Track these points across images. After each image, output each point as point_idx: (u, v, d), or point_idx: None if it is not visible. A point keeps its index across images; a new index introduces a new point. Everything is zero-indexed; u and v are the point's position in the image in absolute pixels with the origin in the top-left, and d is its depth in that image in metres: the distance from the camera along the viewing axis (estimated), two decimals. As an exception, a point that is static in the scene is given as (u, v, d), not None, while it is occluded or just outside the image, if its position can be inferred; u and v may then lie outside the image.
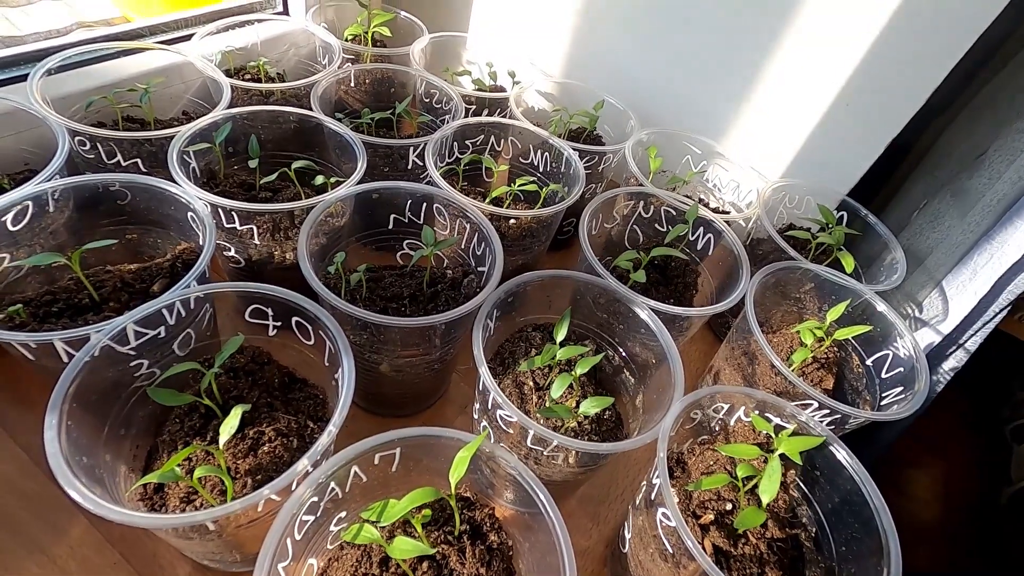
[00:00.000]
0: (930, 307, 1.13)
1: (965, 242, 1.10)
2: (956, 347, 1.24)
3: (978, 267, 1.09)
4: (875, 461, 1.37)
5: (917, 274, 1.19)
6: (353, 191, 0.71)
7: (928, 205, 1.14)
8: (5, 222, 0.61)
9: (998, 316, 1.15)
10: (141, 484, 0.47)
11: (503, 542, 0.52)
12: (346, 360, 0.53)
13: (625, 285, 0.69)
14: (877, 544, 0.54)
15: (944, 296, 1.12)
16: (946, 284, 1.13)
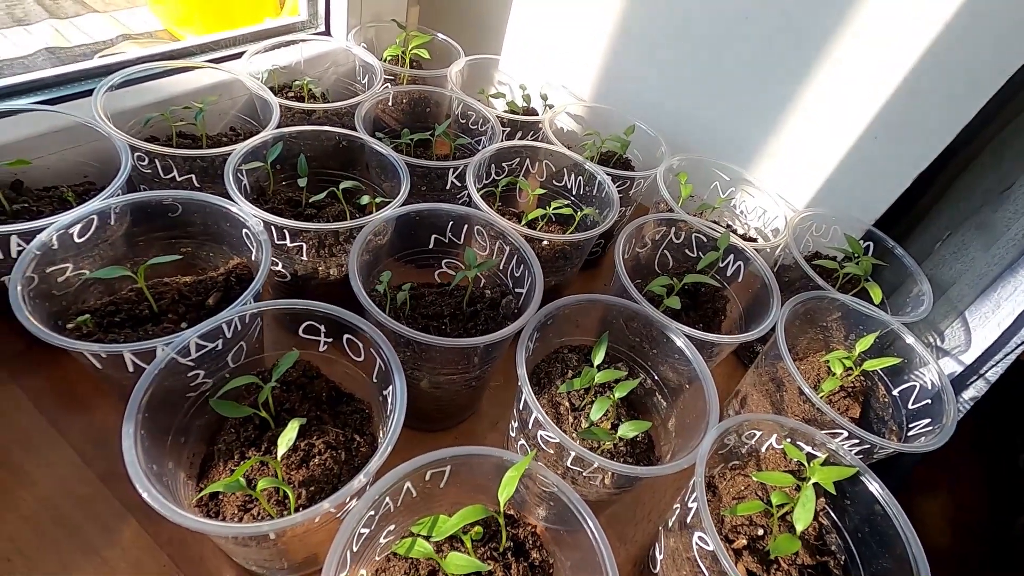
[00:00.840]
0: (952, 337, 1.14)
1: (989, 274, 1.11)
2: (977, 377, 1.25)
3: (1001, 299, 1.10)
4: (891, 489, 1.37)
5: (939, 304, 1.20)
6: (398, 212, 0.74)
7: (952, 236, 1.16)
8: (72, 234, 0.64)
9: (1020, 347, 1.15)
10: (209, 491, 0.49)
11: (544, 560, 0.54)
12: (398, 379, 0.56)
13: (657, 309, 0.72)
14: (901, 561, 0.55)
15: (967, 327, 1.13)
16: (969, 315, 1.14)
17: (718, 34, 1.00)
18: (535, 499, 0.62)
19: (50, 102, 0.80)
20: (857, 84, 0.91)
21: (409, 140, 0.93)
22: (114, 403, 0.74)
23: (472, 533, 0.49)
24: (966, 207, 1.13)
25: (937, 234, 1.18)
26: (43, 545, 0.61)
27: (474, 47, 1.18)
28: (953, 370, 1.18)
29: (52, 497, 0.65)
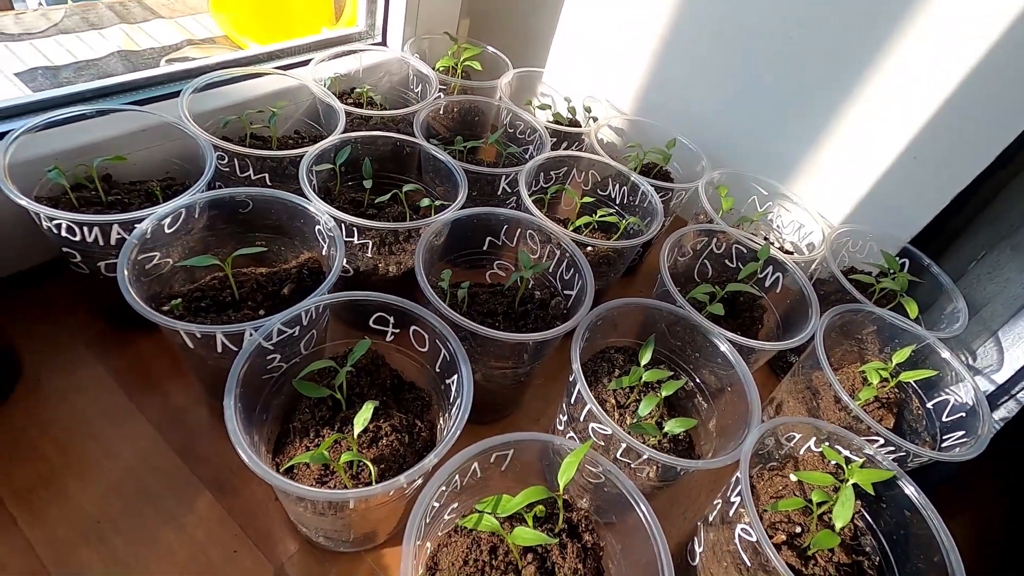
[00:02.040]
0: (984, 356, 1.16)
1: (1023, 295, 1.13)
2: (1008, 398, 1.26)
3: (1035, 320, 1.11)
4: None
5: (973, 323, 1.22)
6: (457, 214, 0.79)
7: (987, 256, 1.17)
8: (164, 225, 0.69)
9: (1053, 370, 1.16)
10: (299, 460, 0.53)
11: (596, 543, 0.58)
12: (464, 368, 0.60)
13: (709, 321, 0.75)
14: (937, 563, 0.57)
15: (999, 346, 1.14)
16: (1002, 335, 1.15)
17: (761, 53, 1.04)
18: (579, 490, 0.65)
19: (136, 103, 0.87)
20: (899, 105, 0.94)
21: (463, 147, 0.97)
22: (186, 383, 0.79)
23: (536, 511, 0.53)
24: (1002, 228, 1.15)
25: (972, 254, 1.20)
26: (127, 511, 0.67)
27: (521, 60, 1.23)
28: (984, 389, 1.19)
29: (134, 468, 0.71)
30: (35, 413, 0.73)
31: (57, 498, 0.66)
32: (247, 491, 0.71)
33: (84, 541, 0.63)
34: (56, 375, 0.77)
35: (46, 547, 0.62)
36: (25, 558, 0.61)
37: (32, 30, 1.29)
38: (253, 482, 0.72)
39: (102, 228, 0.66)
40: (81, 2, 1.41)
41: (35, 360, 0.77)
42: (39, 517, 0.64)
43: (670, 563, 0.50)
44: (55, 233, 0.67)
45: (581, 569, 0.54)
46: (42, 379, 0.76)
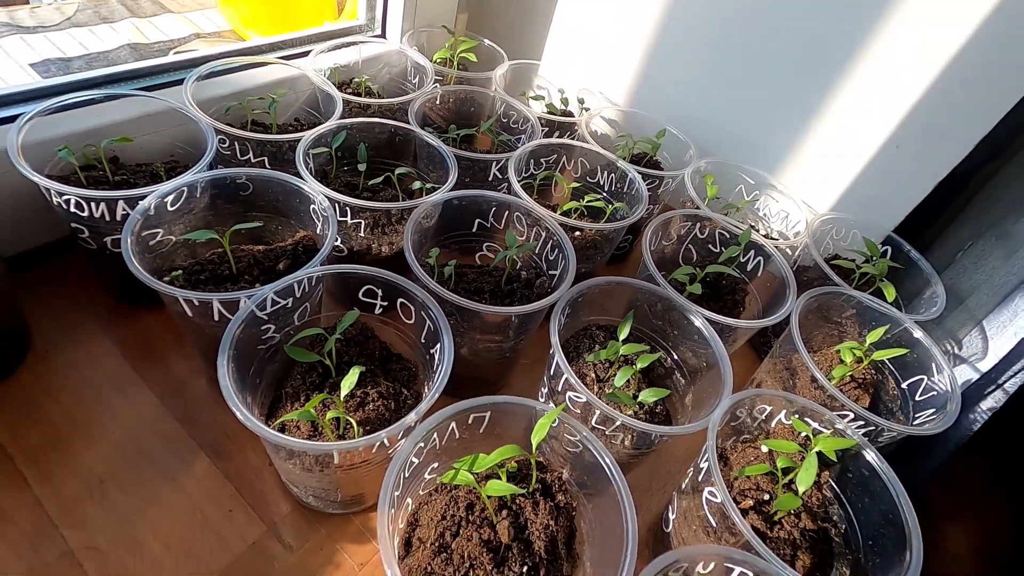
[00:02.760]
0: (970, 345, 1.17)
1: (1008, 284, 1.14)
2: (995, 387, 1.27)
3: (1019, 309, 1.13)
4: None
5: (958, 312, 1.23)
6: (447, 196, 0.82)
7: (973, 246, 1.19)
8: (167, 202, 0.73)
9: (1039, 359, 1.17)
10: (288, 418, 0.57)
11: (568, 502, 0.61)
12: (446, 336, 0.63)
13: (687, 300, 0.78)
14: (901, 538, 0.60)
15: (984, 335, 1.16)
16: (987, 323, 1.17)
17: (749, 46, 1.06)
18: (560, 460, 0.68)
19: (144, 90, 0.91)
20: (881, 95, 0.96)
21: (456, 135, 1.01)
22: (186, 356, 0.83)
23: (508, 467, 0.56)
24: (988, 218, 1.17)
25: (959, 244, 1.22)
26: (129, 470, 0.71)
27: (517, 53, 1.26)
28: (970, 378, 1.21)
29: (137, 432, 0.74)
30: (44, 381, 0.77)
31: (64, 458, 0.70)
32: (242, 456, 0.75)
33: (89, 497, 0.67)
34: (65, 346, 0.81)
35: (53, 503, 0.66)
36: (33, 512, 0.65)
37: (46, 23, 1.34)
38: (248, 448, 0.75)
39: (108, 204, 0.70)
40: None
41: (45, 332, 0.81)
42: (47, 476, 0.68)
43: (635, 523, 0.53)
44: (64, 209, 0.71)
45: (552, 525, 0.57)
46: (51, 350, 0.80)
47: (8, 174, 0.71)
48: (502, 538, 0.55)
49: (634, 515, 0.54)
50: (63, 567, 0.62)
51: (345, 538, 0.70)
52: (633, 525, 0.53)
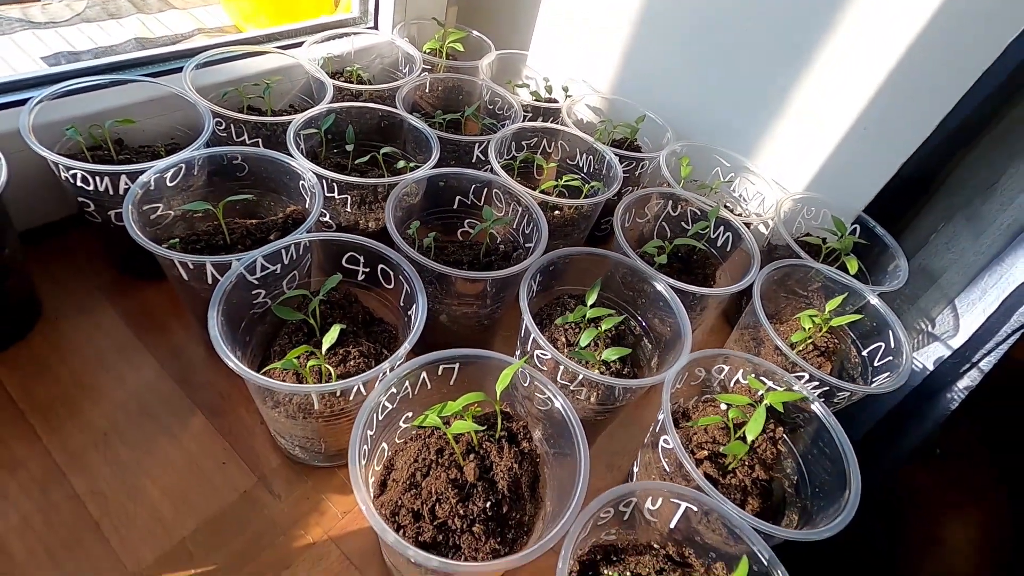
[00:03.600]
0: (942, 323, 1.21)
1: (977, 263, 1.19)
2: (970, 366, 1.31)
3: (988, 287, 1.17)
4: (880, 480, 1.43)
5: (932, 292, 1.27)
6: (429, 174, 0.87)
7: (945, 228, 1.23)
8: (165, 178, 0.79)
9: (1012, 338, 1.22)
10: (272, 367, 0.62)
11: (532, 449, 0.65)
12: (420, 297, 0.68)
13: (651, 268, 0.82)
14: (843, 481, 0.64)
15: (956, 313, 1.20)
16: (958, 302, 1.21)
17: (725, 34, 1.10)
18: (533, 420, 0.73)
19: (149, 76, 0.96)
20: (848, 80, 1.00)
21: (442, 119, 1.06)
22: (185, 324, 0.89)
23: (472, 411, 0.61)
24: (958, 201, 1.20)
25: (932, 225, 1.26)
26: (132, 426, 0.76)
27: (506, 44, 1.31)
28: (942, 355, 1.25)
29: (138, 392, 0.80)
30: (53, 345, 0.82)
31: (71, 414, 0.75)
32: (236, 415, 0.80)
33: (93, 448, 0.73)
34: (72, 314, 0.86)
35: (61, 452, 0.72)
36: (43, 460, 0.71)
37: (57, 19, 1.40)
38: (241, 407, 0.81)
39: (112, 178, 0.76)
40: (102, -6, 1.53)
41: (55, 302, 0.87)
42: (55, 428, 0.74)
43: (586, 453, 0.57)
44: (72, 184, 0.77)
45: (516, 468, 0.62)
46: (60, 318, 0.85)
47: (20, 153, 0.77)
48: (468, 477, 0.60)
49: (586, 448, 0.58)
50: (69, 508, 0.68)
51: (330, 489, 0.75)
52: (585, 454, 0.58)
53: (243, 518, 0.71)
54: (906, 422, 1.49)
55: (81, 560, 0.64)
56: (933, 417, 1.44)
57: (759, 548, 0.55)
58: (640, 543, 0.63)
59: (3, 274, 0.75)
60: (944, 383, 1.35)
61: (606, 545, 0.62)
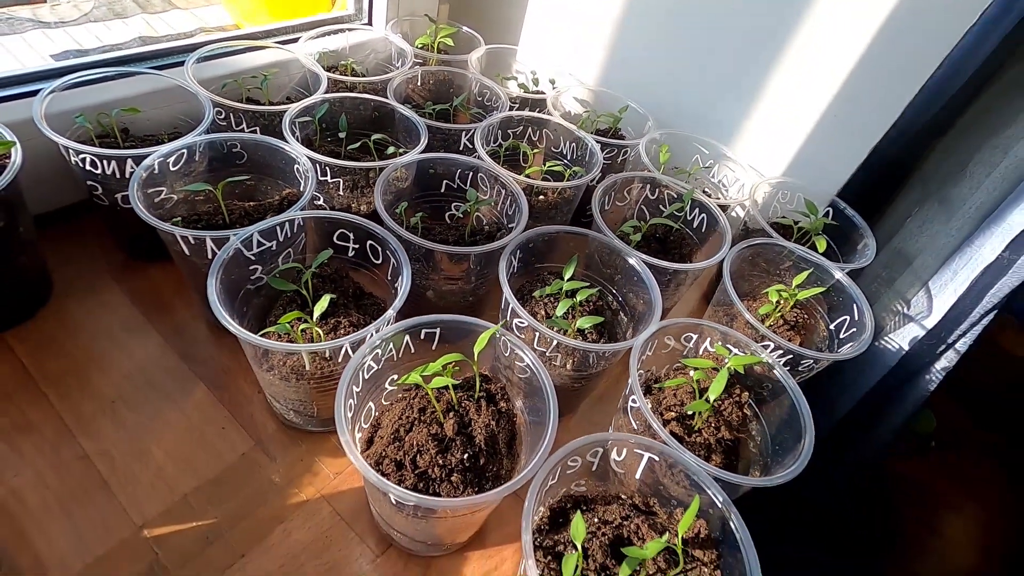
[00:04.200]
0: (917, 305, 1.26)
1: (949, 245, 1.23)
2: (946, 347, 1.36)
3: (958, 268, 1.21)
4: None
5: (907, 275, 1.32)
6: (417, 158, 0.92)
7: (919, 212, 1.27)
8: (168, 163, 0.84)
9: (985, 319, 1.26)
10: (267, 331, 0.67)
11: (510, 408, 0.70)
12: (405, 269, 0.73)
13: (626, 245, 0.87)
14: (799, 434, 0.69)
15: (929, 295, 1.24)
16: (931, 284, 1.25)
17: (703, 26, 1.15)
18: (516, 390, 0.78)
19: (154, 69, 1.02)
20: (817, 69, 1.05)
21: (432, 110, 1.11)
22: (189, 303, 0.94)
23: (450, 369, 0.65)
24: (932, 186, 1.25)
25: (907, 210, 1.30)
26: (138, 395, 0.81)
27: (497, 40, 1.36)
28: (917, 335, 1.29)
29: (144, 365, 0.85)
30: (64, 321, 0.88)
31: (81, 383, 0.81)
32: (235, 386, 0.85)
33: (102, 414, 0.78)
34: (82, 294, 0.92)
35: (72, 418, 0.77)
36: (55, 425, 0.76)
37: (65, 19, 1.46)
38: (241, 379, 0.86)
39: (118, 162, 0.81)
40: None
41: (65, 282, 0.92)
42: (66, 396, 0.79)
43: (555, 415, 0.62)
44: (81, 168, 0.82)
45: (493, 425, 0.67)
46: (70, 296, 0.91)
47: (34, 141, 0.82)
48: (448, 432, 0.65)
49: (554, 397, 0.63)
50: (79, 466, 0.73)
51: (323, 452, 0.80)
52: (553, 402, 0.62)
53: (241, 478, 0.76)
54: (886, 405, 1.53)
55: (91, 512, 0.69)
56: (913, 399, 1.48)
57: (714, 491, 0.59)
58: (609, 494, 0.67)
59: (18, 251, 0.80)
60: (921, 364, 1.39)
61: (577, 495, 0.66)
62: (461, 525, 0.67)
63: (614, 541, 0.60)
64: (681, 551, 0.57)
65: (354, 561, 0.71)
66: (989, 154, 1.13)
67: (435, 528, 0.65)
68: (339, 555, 0.71)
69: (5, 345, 0.82)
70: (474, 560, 0.74)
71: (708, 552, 0.59)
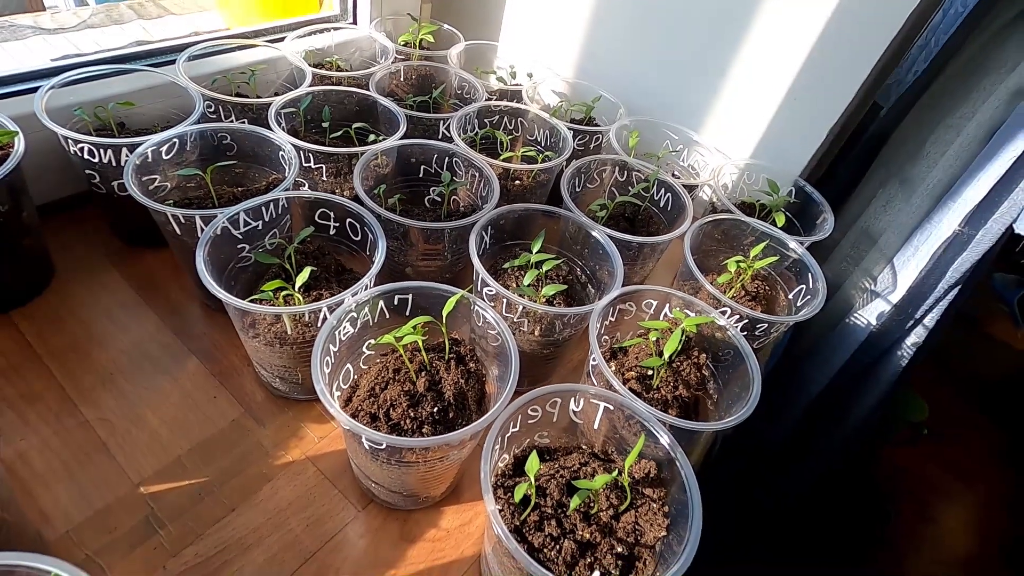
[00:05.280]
0: (883, 281, 1.31)
1: (910, 223, 1.28)
2: (915, 323, 1.41)
3: (920, 244, 1.27)
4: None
5: (873, 252, 1.37)
6: (395, 144, 0.98)
7: (882, 193, 1.33)
8: (161, 151, 0.90)
9: (949, 294, 1.31)
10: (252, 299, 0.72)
11: (478, 369, 0.75)
12: (381, 242, 0.79)
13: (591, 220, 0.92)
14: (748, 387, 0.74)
15: (894, 271, 1.29)
16: (895, 260, 1.31)
17: (670, 17, 1.21)
18: (490, 359, 0.83)
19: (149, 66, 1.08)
20: (778, 55, 1.10)
21: (412, 102, 1.17)
22: (182, 286, 0.99)
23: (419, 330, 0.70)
24: (893, 166, 1.30)
25: (872, 191, 1.35)
26: (134, 368, 0.87)
27: (478, 36, 1.42)
28: (883, 310, 1.35)
29: (140, 341, 0.90)
30: (65, 302, 0.93)
31: (81, 357, 0.86)
32: (227, 360, 0.90)
33: (101, 385, 0.83)
34: (81, 277, 0.97)
35: (73, 388, 0.82)
36: (58, 394, 0.81)
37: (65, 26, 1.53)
38: (231, 353, 0.91)
39: (114, 150, 0.87)
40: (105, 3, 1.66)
41: (66, 266, 0.98)
42: (68, 369, 0.84)
43: (516, 364, 0.67)
44: (80, 157, 0.88)
45: (462, 383, 0.72)
46: (70, 279, 0.96)
47: (36, 135, 0.88)
48: (419, 388, 0.70)
49: (515, 349, 0.68)
50: (80, 432, 0.78)
51: (308, 419, 0.85)
52: (514, 351, 0.68)
53: (231, 441, 0.81)
54: (861, 381, 1.58)
55: (91, 471, 0.75)
56: (887, 376, 1.53)
57: (658, 429, 0.65)
58: (571, 445, 0.72)
59: (22, 234, 0.86)
60: (892, 340, 1.44)
61: (541, 446, 0.71)
62: (433, 476, 0.72)
63: (571, 482, 0.65)
64: (629, 486, 0.62)
65: (336, 515, 0.76)
66: (943, 134, 1.18)
67: (409, 478, 0.70)
68: (322, 510, 0.76)
69: (11, 323, 0.88)
70: (449, 513, 0.79)
71: (657, 490, 0.64)
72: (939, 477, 2.56)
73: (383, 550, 0.74)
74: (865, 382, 1.53)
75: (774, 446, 1.69)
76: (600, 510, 0.62)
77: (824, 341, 1.49)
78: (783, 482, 1.77)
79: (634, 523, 0.62)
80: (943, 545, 2.31)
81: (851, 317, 1.40)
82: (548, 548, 0.59)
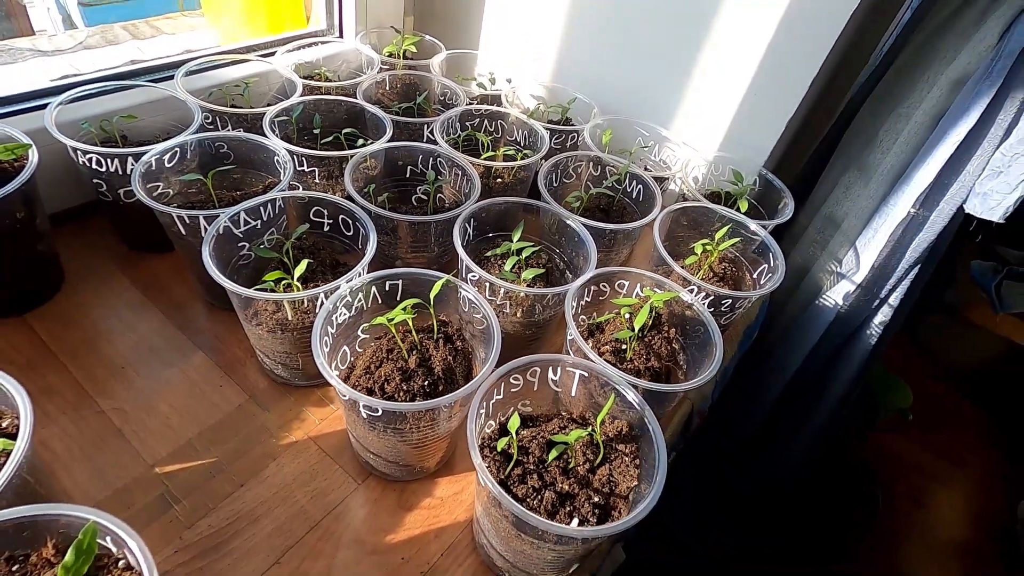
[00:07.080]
0: (847, 263, 1.39)
1: (869, 207, 1.36)
2: (880, 302, 1.49)
3: (879, 226, 1.35)
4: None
5: (837, 236, 1.45)
6: (382, 147, 1.05)
7: (843, 180, 1.41)
8: (164, 160, 0.96)
9: (912, 272, 1.40)
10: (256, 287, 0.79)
11: (465, 347, 0.82)
12: (372, 235, 0.86)
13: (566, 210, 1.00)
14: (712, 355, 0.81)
15: (856, 253, 1.38)
16: (858, 243, 1.39)
17: (637, 21, 1.29)
18: (477, 343, 0.89)
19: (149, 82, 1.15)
20: (737, 51, 1.19)
21: (398, 108, 1.24)
22: (186, 288, 1.05)
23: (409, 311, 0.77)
24: (855, 154, 1.38)
25: (835, 179, 1.44)
26: (143, 361, 0.93)
27: (460, 46, 1.50)
28: (848, 290, 1.42)
29: (148, 336, 0.97)
30: (76, 303, 0.99)
31: (93, 353, 0.92)
32: (231, 352, 0.96)
33: (113, 378, 0.89)
34: (90, 281, 1.03)
35: (87, 381, 0.88)
36: (74, 388, 0.87)
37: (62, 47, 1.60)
38: (235, 345, 0.97)
39: (120, 159, 0.93)
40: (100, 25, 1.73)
41: (76, 271, 1.04)
42: (82, 364, 0.90)
43: (498, 337, 0.74)
44: (87, 167, 0.94)
45: (451, 360, 0.79)
46: (80, 283, 1.02)
47: (47, 148, 0.94)
48: (410, 365, 0.76)
49: (497, 323, 0.75)
50: (96, 420, 0.84)
51: (309, 403, 0.91)
52: (496, 327, 0.74)
53: (237, 425, 0.87)
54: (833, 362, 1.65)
55: (108, 455, 0.80)
56: (858, 356, 1.61)
57: (626, 390, 0.71)
58: (552, 412, 0.79)
59: (36, 240, 0.92)
60: (860, 320, 1.52)
61: (524, 414, 0.78)
62: (426, 445, 0.78)
63: (551, 442, 0.71)
64: (603, 443, 0.68)
65: (338, 488, 0.82)
66: (895, 123, 1.27)
67: (404, 446, 0.76)
68: (325, 483, 0.82)
69: (26, 324, 0.94)
70: (443, 483, 0.85)
71: (629, 445, 0.71)
72: (927, 461, 2.63)
73: (382, 517, 0.80)
74: (837, 362, 1.61)
75: (748, 430, 1.75)
76: (577, 465, 0.69)
77: (795, 325, 1.57)
78: (758, 465, 1.83)
79: (608, 476, 0.69)
80: (935, 531, 2.37)
81: (820, 299, 1.48)
82: (531, 498, 0.65)
